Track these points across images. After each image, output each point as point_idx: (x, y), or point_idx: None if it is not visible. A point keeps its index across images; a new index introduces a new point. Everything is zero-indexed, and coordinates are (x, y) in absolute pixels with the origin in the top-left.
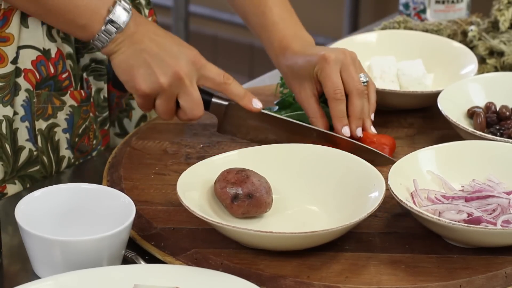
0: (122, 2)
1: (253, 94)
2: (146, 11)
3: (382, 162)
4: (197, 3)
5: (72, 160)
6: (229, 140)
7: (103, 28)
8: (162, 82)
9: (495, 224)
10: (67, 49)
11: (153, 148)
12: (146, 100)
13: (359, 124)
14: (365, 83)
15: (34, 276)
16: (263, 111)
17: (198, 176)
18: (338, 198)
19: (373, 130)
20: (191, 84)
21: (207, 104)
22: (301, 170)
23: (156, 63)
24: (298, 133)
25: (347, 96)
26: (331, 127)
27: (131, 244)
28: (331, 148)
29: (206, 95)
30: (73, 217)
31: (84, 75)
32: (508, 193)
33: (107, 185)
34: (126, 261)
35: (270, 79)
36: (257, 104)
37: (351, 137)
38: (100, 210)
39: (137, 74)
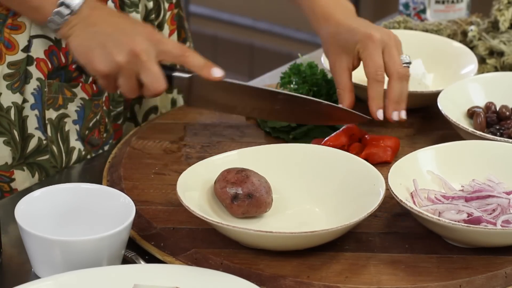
0: None
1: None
2: (166, 5)
3: (354, 120)
4: (197, 3)
5: (83, 153)
6: (229, 140)
7: (55, 10)
8: (119, 61)
9: (495, 224)
10: None
11: (153, 148)
12: (108, 81)
13: (395, 108)
14: (408, 65)
15: (34, 276)
16: (225, 79)
17: (198, 176)
18: (338, 198)
19: (404, 115)
20: (149, 59)
21: (170, 80)
22: (301, 170)
23: (111, 43)
24: (264, 98)
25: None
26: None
27: (131, 244)
28: (331, 148)
29: (168, 70)
30: (73, 217)
31: None
32: (508, 193)
33: (107, 185)
34: (126, 261)
35: (270, 79)
36: (217, 73)
37: (386, 120)
38: (100, 210)
39: (94, 55)
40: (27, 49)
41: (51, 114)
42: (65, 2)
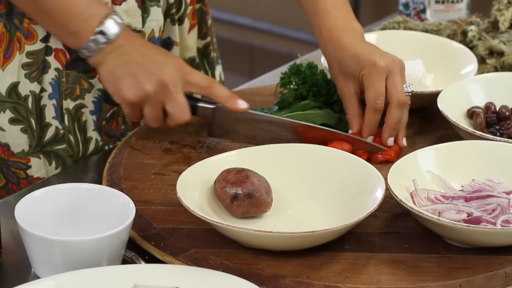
0: (115, 16)
1: (239, 96)
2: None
3: (373, 149)
4: None
5: (101, 143)
6: (229, 140)
7: (92, 37)
8: (148, 90)
9: (494, 224)
10: None
11: (153, 148)
12: (134, 109)
13: (392, 134)
14: (409, 94)
15: (34, 276)
16: (249, 111)
17: (198, 176)
18: (338, 198)
19: (404, 142)
20: (176, 90)
21: (195, 110)
22: (301, 170)
23: (141, 72)
24: (286, 129)
25: (386, 105)
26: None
27: (131, 244)
28: (331, 148)
29: (193, 100)
30: (73, 217)
31: None
32: (508, 193)
33: (107, 185)
34: (126, 261)
35: (270, 79)
36: (242, 105)
37: (382, 145)
38: (100, 210)
39: (123, 84)
40: (46, 39)
41: (69, 104)
42: (103, 31)
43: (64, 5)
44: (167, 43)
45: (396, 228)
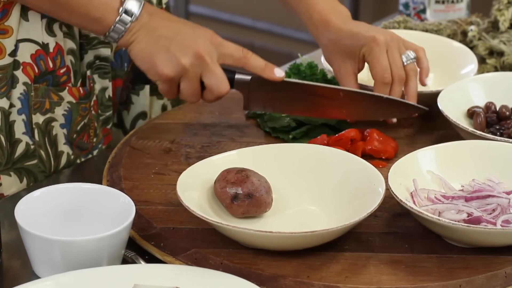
0: None
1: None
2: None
3: (409, 112)
4: (197, 3)
5: (72, 157)
6: (229, 140)
7: (117, 18)
8: (184, 63)
9: (495, 224)
10: (70, 44)
11: (153, 148)
12: (171, 85)
13: None
14: (413, 60)
15: (34, 276)
16: (286, 79)
17: (198, 176)
18: (338, 198)
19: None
20: (212, 61)
21: (231, 82)
22: (301, 170)
23: (175, 46)
24: (324, 96)
25: None
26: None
27: (131, 244)
28: (331, 148)
29: (229, 73)
30: (73, 217)
31: (88, 72)
32: (508, 193)
33: (107, 185)
34: (126, 261)
35: None
36: (280, 73)
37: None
38: (100, 210)
39: (158, 60)
40: (13, 53)
41: (38, 118)
42: (127, 9)
43: None
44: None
45: (396, 228)
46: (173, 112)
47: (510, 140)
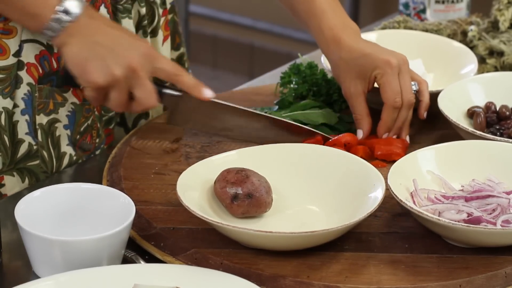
0: None
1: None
2: (161, 11)
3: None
4: (197, 3)
5: (74, 158)
6: (229, 140)
7: (54, 16)
8: (117, 74)
9: (495, 224)
10: None
11: (153, 148)
12: (99, 93)
13: (397, 133)
14: (415, 92)
15: (34, 276)
16: (214, 100)
17: (198, 176)
18: (338, 198)
19: (407, 139)
20: (145, 75)
21: (160, 96)
22: (301, 170)
23: (110, 55)
24: (250, 119)
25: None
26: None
27: (131, 244)
28: (331, 147)
29: (159, 87)
30: (73, 217)
31: None
32: (508, 193)
33: (107, 185)
34: (126, 261)
35: (270, 79)
36: (208, 94)
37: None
38: (100, 210)
39: (91, 66)
40: (18, 53)
41: (42, 119)
42: (66, 9)
43: None
44: None
45: (396, 228)
46: None
47: (510, 140)
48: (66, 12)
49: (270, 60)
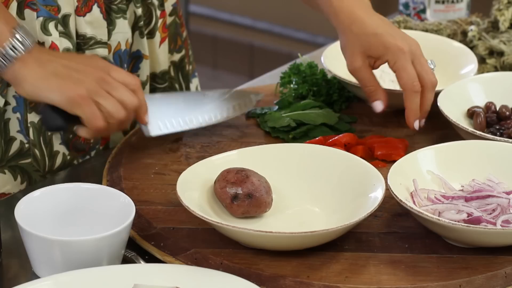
0: (20, 31)
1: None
2: (158, 12)
3: None
4: (197, 3)
5: (68, 157)
6: (229, 140)
7: (3, 50)
8: (90, 81)
9: (494, 224)
10: (66, 43)
11: (153, 148)
12: (90, 105)
13: (424, 116)
14: (433, 69)
15: (34, 276)
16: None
17: (198, 176)
18: (337, 198)
19: (423, 123)
20: (113, 79)
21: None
22: (301, 170)
23: (73, 69)
24: None
25: None
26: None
27: (131, 244)
28: (331, 147)
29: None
30: (73, 217)
31: None
32: (508, 193)
33: (107, 185)
34: (126, 261)
35: (270, 79)
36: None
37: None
38: (100, 210)
39: (65, 81)
40: None
41: (34, 117)
42: (14, 45)
43: None
44: (136, 56)
45: (396, 228)
46: None
47: (510, 140)
48: (13, 46)
49: (270, 60)
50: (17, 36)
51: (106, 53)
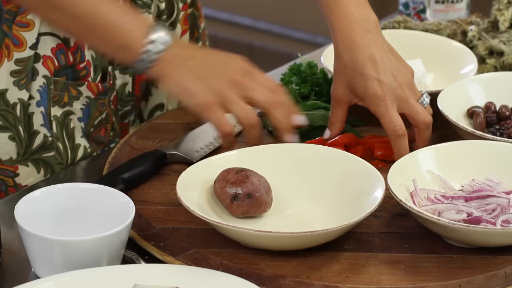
0: (159, 25)
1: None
2: (181, 5)
3: None
4: None
5: (89, 150)
6: None
7: (143, 49)
8: (222, 88)
9: (494, 224)
10: None
11: (153, 148)
12: (216, 112)
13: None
14: (428, 104)
15: (34, 276)
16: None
17: (198, 176)
18: (337, 198)
19: None
20: (253, 81)
21: None
22: (301, 170)
23: (210, 73)
24: None
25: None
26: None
27: (131, 244)
28: (331, 147)
29: None
30: (73, 217)
31: (110, 69)
32: (507, 193)
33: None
34: (126, 261)
35: None
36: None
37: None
38: (100, 210)
39: (195, 88)
40: (35, 46)
41: (57, 111)
42: (154, 40)
43: (109, 17)
44: None
45: (396, 228)
46: (173, 112)
47: (510, 140)
48: (154, 43)
49: (270, 60)
50: (155, 35)
51: None
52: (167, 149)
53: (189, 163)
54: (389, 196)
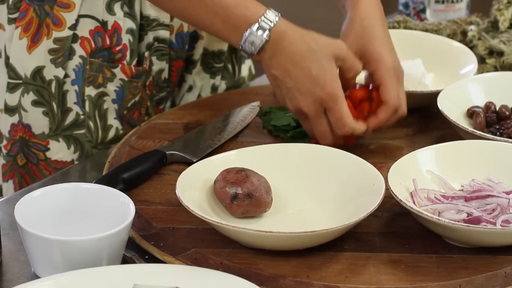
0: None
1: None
2: None
3: None
4: None
5: (121, 132)
6: (228, 140)
7: (249, 30)
8: (312, 108)
9: (494, 223)
10: (129, 24)
11: (153, 148)
12: (318, 117)
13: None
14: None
15: (34, 276)
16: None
17: (198, 176)
18: (337, 198)
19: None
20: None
21: None
22: (301, 170)
23: (305, 86)
24: None
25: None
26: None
27: (131, 244)
28: (330, 147)
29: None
30: (73, 217)
31: (146, 54)
32: (507, 193)
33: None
34: (125, 261)
35: None
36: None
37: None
38: (100, 210)
39: (293, 95)
40: (74, 27)
41: (91, 91)
42: (262, 25)
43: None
44: (193, 36)
45: (396, 228)
46: (173, 112)
47: (510, 140)
48: (262, 28)
49: None
50: (264, 20)
51: (167, 35)
52: (167, 149)
53: (189, 163)
54: (389, 196)
